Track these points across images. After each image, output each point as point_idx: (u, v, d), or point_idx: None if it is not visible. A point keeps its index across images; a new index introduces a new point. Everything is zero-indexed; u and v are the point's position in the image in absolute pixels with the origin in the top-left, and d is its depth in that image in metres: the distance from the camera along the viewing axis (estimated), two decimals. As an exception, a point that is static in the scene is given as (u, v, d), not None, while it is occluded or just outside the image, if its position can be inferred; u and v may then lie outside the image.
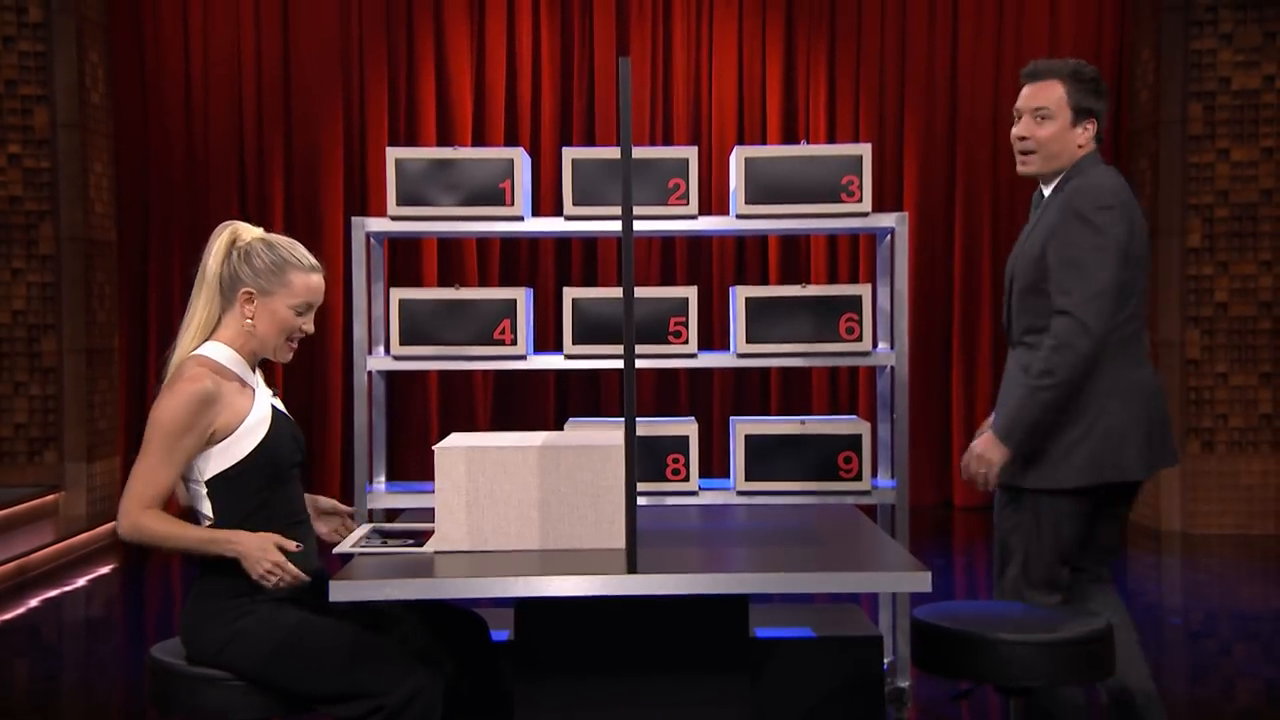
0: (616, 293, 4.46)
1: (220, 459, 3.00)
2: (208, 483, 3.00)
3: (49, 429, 7.94)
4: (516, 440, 3.15)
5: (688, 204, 4.48)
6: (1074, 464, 3.39)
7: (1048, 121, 3.49)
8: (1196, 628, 5.92)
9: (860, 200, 4.44)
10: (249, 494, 3.02)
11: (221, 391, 3.00)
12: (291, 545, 2.95)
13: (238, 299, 3.06)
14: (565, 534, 3.03)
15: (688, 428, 4.45)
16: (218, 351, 3.08)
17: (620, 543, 3.02)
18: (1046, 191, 3.57)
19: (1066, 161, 3.50)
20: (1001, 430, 3.38)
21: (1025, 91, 3.54)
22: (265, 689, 2.98)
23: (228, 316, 3.08)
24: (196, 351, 3.07)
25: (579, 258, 9.01)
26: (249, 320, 3.07)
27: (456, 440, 3.13)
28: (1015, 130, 3.55)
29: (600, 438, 3.14)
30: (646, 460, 4.34)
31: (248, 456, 3.01)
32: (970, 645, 3.08)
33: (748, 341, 4.44)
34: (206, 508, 3.01)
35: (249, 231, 3.10)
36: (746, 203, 4.46)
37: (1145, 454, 3.42)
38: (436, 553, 3.03)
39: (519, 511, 3.03)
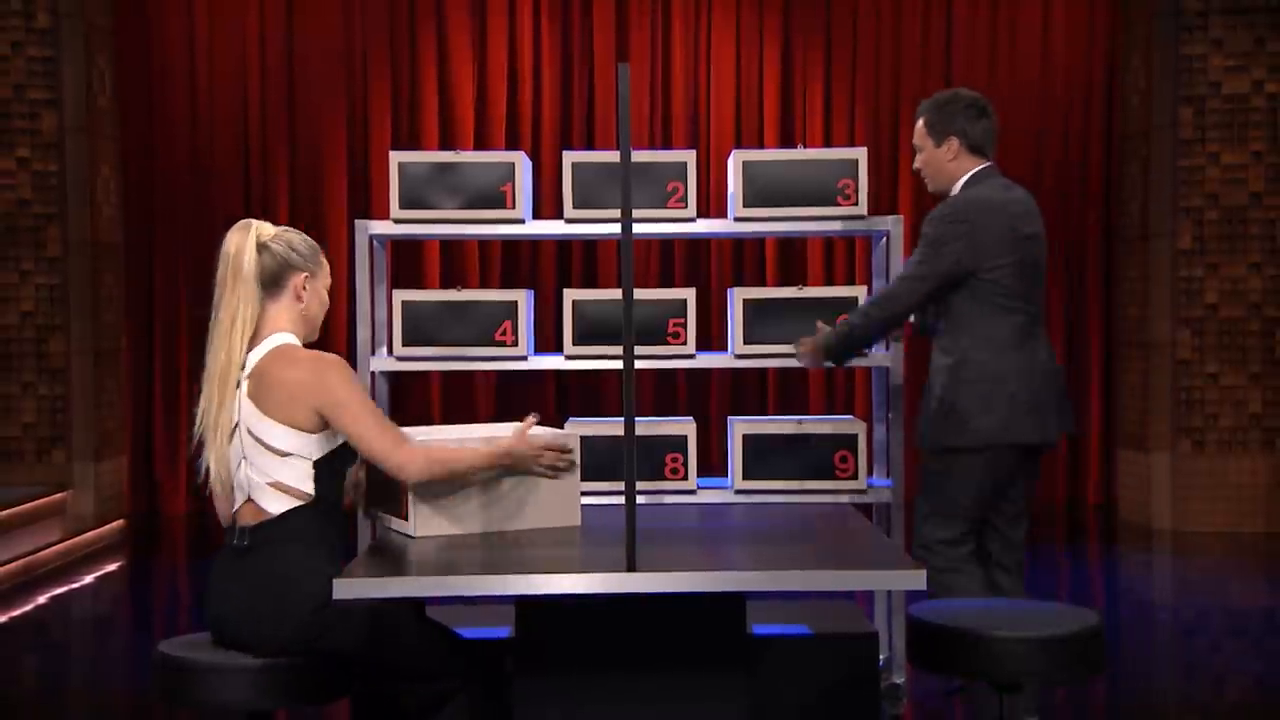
0: (616, 294, 4.51)
1: (325, 443, 3.10)
2: (315, 464, 3.09)
3: (57, 429, 8.01)
4: (484, 432, 3.41)
5: (686, 207, 4.52)
6: (974, 426, 3.89)
7: (921, 152, 4.10)
8: (1187, 624, 5.99)
9: (856, 203, 4.49)
10: (341, 476, 3.17)
11: None
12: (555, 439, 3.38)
13: (290, 286, 3.18)
14: (528, 515, 3.31)
15: (686, 428, 4.50)
16: (295, 342, 3.19)
17: (577, 520, 3.35)
18: None
19: (949, 177, 4.05)
20: (830, 343, 4.17)
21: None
22: (357, 665, 3.11)
23: (274, 309, 3.18)
24: (279, 344, 3.14)
25: (579, 260, 9.08)
26: (301, 304, 3.20)
27: (420, 434, 3.37)
28: (914, 164, 4.19)
29: (553, 432, 3.46)
30: (645, 460, 4.40)
31: (345, 441, 3.13)
32: (964, 642, 3.10)
33: (745, 342, 4.50)
34: (308, 486, 3.08)
35: (268, 225, 3.22)
36: (744, 206, 4.51)
37: (1028, 423, 3.90)
38: (413, 536, 3.20)
39: (487, 498, 3.28)
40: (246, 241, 3.16)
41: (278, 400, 3.07)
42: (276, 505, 3.09)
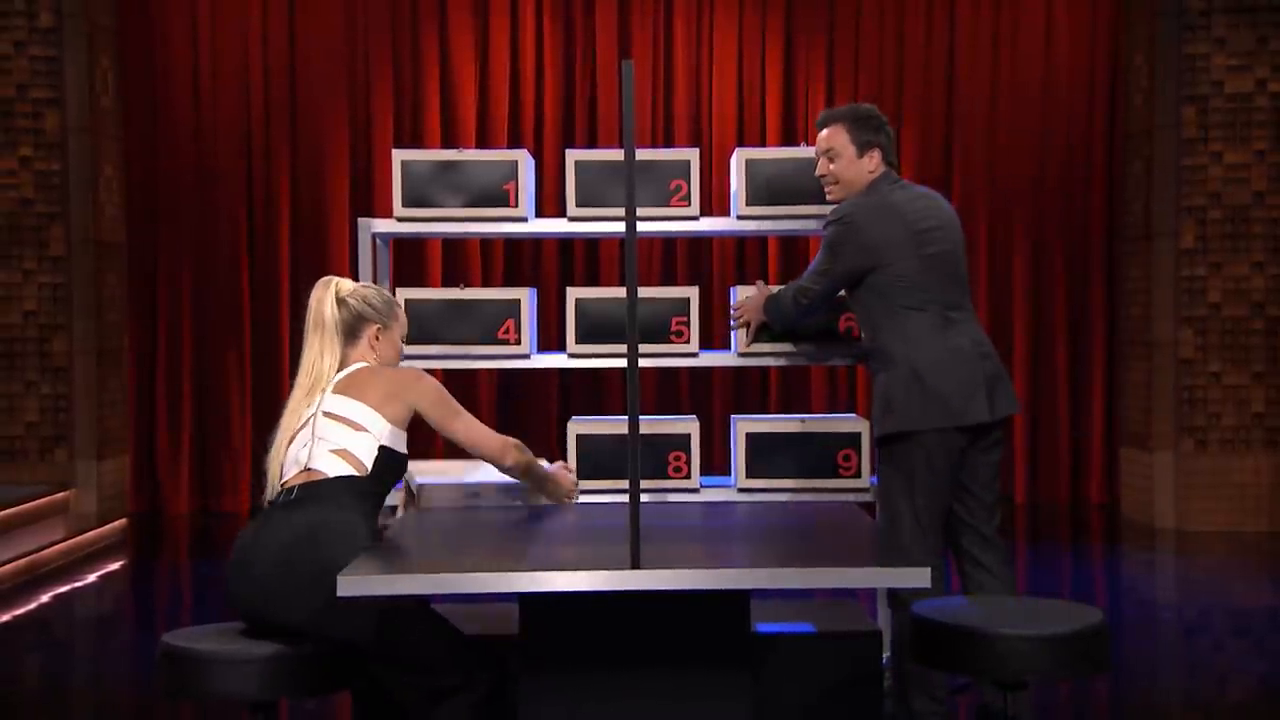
0: (619, 293, 4.51)
1: (395, 438, 3.42)
2: (380, 447, 3.37)
3: (60, 428, 8.02)
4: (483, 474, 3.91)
5: (689, 205, 4.53)
6: (897, 413, 3.97)
7: (837, 159, 4.14)
8: (1190, 623, 5.99)
9: (859, 202, 4.50)
10: (391, 478, 3.44)
11: None
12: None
13: (365, 336, 3.54)
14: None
15: (689, 426, 4.50)
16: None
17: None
18: None
19: (860, 185, 4.12)
20: (766, 304, 4.33)
21: (818, 137, 4.19)
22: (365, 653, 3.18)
23: (353, 353, 3.54)
24: (366, 365, 3.54)
25: (581, 258, 9.09)
26: (375, 352, 3.56)
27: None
28: (817, 169, 4.22)
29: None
30: (649, 458, 4.40)
31: (405, 450, 3.47)
32: (968, 640, 3.11)
33: (749, 340, 4.51)
34: (368, 461, 3.35)
35: (347, 282, 3.58)
36: (747, 204, 4.52)
37: (958, 405, 3.94)
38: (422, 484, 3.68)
39: None
40: (327, 296, 3.52)
41: (374, 390, 3.42)
42: (333, 468, 3.31)
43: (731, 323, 4.50)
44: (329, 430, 3.37)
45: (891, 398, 3.99)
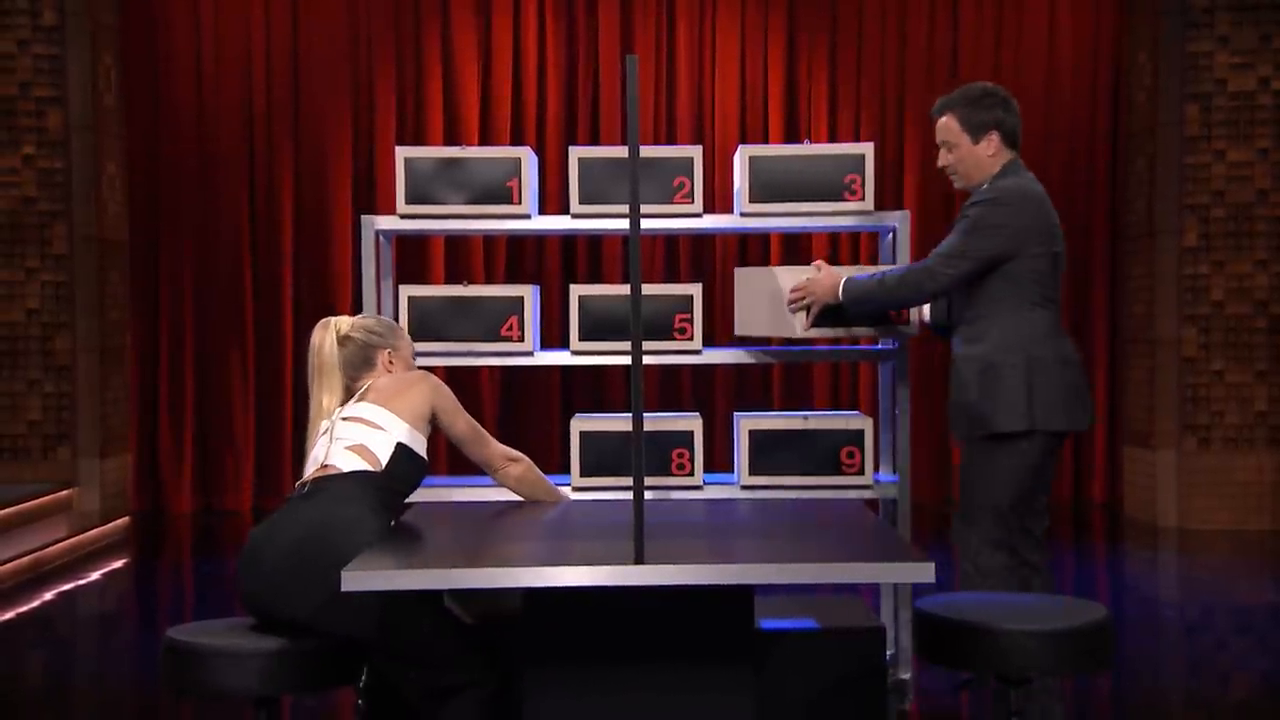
0: (622, 289, 4.50)
1: (414, 439, 3.45)
2: (398, 444, 3.41)
3: (62, 426, 8.02)
4: None
5: (692, 202, 4.53)
6: (1019, 412, 3.85)
7: (954, 149, 4.01)
8: (1192, 621, 5.99)
9: (863, 199, 4.49)
10: (408, 478, 3.46)
11: None
12: None
13: (379, 362, 3.62)
14: None
15: (692, 423, 4.50)
16: None
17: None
18: None
19: (985, 172, 3.98)
20: (850, 285, 4.08)
21: (936, 127, 4.06)
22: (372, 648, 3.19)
23: (369, 378, 3.59)
24: (382, 378, 3.60)
25: (584, 255, 9.09)
26: (391, 374, 3.61)
27: None
28: (938, 162, 4.10)
29: None
30: (652, 455, 4.40)
31: (425, 455, 3.49)
32: (972, 635, 3.10)
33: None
34: (384, 456, 3.38)
35: (344, 319, 3.66)
36: (750, 201, 4.51)
37: (1066, 410, 3.88)
38: None
39: None
40: (326, 338, 3.59)
41: (386, 391, 3.48)
42: (348, 463, 3.35)
43: (790, 305, 4.25)
44: (346, 430, 3.43)
45: (1013, 396, 3.85)
